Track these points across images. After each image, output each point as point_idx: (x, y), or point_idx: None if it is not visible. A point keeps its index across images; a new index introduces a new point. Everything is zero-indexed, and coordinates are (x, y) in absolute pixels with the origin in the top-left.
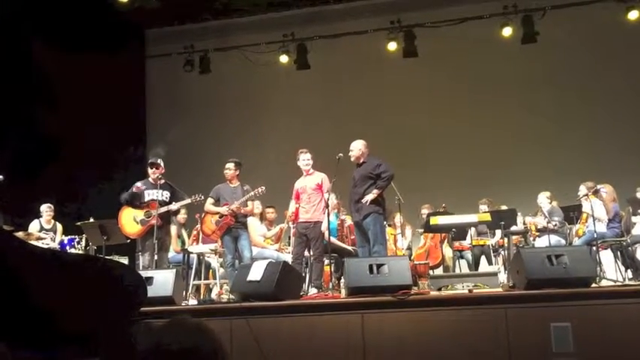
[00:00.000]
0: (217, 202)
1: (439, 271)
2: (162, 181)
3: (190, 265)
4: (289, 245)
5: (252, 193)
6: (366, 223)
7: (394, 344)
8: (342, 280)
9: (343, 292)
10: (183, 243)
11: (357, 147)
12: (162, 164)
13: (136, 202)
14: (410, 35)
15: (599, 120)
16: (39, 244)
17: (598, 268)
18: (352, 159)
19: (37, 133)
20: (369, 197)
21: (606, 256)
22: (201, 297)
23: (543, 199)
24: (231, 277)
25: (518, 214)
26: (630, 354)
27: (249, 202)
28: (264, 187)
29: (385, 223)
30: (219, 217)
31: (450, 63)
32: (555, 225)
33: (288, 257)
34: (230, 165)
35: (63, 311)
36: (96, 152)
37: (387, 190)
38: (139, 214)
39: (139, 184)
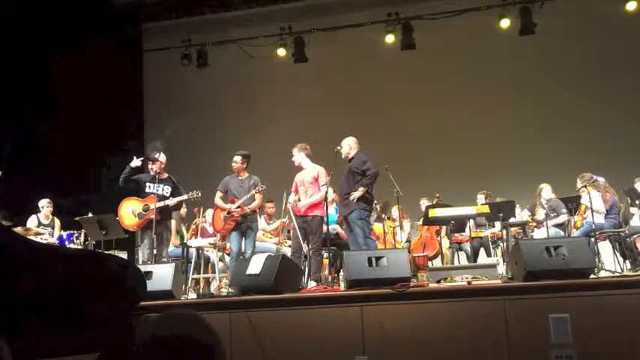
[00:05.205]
0: (226, 195)
1: (437, 262)
2: (165, 176)
3: (189, 259)
4: (288, 239)
5: (253, 192)
6: (350, 218)
7: (393, 336)
8: (341, 273)
9: (342, 284)
10: (182, 237)
11: (347, 143)
12: (160, 158)
13: (135, 179)
14: (407, 27)
15: (597, 111)
16: (37, 239)
17: (596, 259)
18: (342, 156)
19: (33, 128)
20: (356, 195)
21: (605, 248)
22: (201, 291)
23: (548, 190)
24: None
25: (517, 205)
26: (629, 344)
27: (257, 196)
28: (264, 186)
29: (384, 216)
30: (227, 214)
31: (448, 55)
32: (555, 215)
33: (287, 251)
34: (237, 158)
35: (63, 306)
36: (93, 147)
37: (384, 183)
38: (138, 207)
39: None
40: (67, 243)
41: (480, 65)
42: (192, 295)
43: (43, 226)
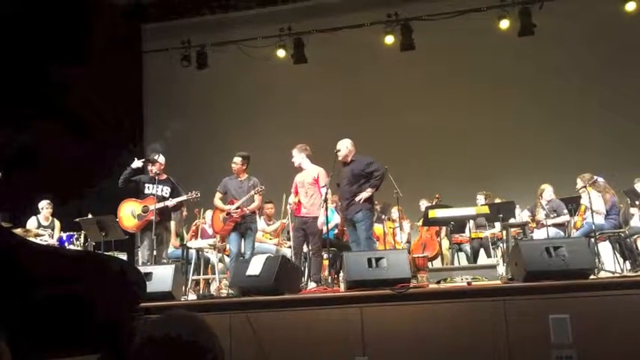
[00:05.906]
0: (225, 196)
1: (437, 263)
2: (164, 177)
3: (189, 261)
4: (288, 240)
5: (252, 192)
6: (356, 218)
7: (393, 337)
8: (341, 274)
9: (342, 285)
10: (182, 239)
11: (345, 146)
12: (160, 160)
13: (135, 180)
14: (407, 28)
15: (597, 111)
16: (37, 240)
17: (596, 260)
18: (340, 158)
19: (33, 130)
20: (363, 195)
21: (605, 248)
22: (201, 292)
23: (549, 191)
24: None
25: (517, 206)
26: (629, 345)
27: (257, 197)
28: (263, 187)
29: (384, 217)
30: (226, 215)
31: (447, 56)
32: (556, 216)
33: (287, 252)
34: (237, 159)
35: (63, 308)
36: (93, 148)
37: (384, 184)
38: (137, 208)
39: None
40: (66, 244)
41: (480, 66)
42: (192, 297)
43: (42, 227)
